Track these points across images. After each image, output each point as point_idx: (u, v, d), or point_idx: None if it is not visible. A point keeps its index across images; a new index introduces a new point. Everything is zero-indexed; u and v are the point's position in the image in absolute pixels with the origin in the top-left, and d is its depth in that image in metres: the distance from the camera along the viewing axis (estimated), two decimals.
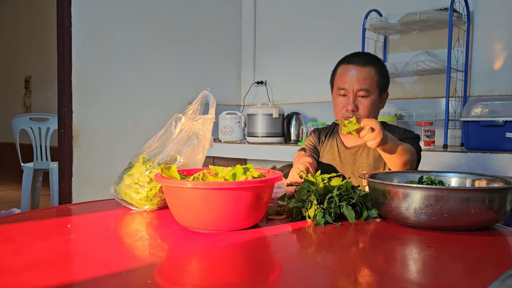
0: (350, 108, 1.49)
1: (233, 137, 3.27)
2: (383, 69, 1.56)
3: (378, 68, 1.53)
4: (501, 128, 2.17)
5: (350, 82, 1.50)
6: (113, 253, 0.83)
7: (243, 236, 0.92)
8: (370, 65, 1.51)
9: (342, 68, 1.55)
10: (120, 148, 2.96)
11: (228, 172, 1.04)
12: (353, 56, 1.57)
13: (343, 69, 1.54)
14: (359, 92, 1.49)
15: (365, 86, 1.49)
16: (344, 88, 1.51)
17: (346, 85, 1.50)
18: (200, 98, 1.23)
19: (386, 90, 1.58)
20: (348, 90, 1.50)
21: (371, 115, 1.52)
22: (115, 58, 3.01)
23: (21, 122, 3.89)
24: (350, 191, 1.09)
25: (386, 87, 1.58)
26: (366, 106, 1.50)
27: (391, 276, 0.73)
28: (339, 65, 1.58)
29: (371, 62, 1.53)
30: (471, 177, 1.15)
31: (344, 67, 1.54)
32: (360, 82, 1.49)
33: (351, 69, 1.51)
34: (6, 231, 0.96)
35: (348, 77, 1.50)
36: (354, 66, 1.51)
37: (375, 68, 1.52)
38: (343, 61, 1.57)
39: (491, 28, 2.66)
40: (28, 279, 0.67)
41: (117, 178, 1.20)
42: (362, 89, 1.49)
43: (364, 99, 1.50)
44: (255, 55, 3.86)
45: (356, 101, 1.50)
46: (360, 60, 1.52)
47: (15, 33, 6.83)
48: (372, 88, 1.50)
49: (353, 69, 1.51)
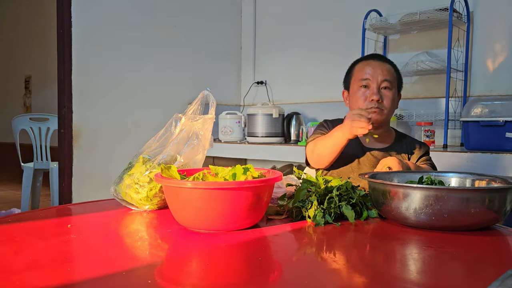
0: (376, 97, 1.46)
1: (233, 137, 3.27)
2: (399, 71, 1.60)
3: (395, 68, 1.57)
4: (501, 128, 2.17)
5: (374, 73, 1.49)
6: (113, 253, 0.83)
7: (243, 236, 0.92)
8: (389, 63, 1.55)
9: (362, 64, 1.55)
10: (120, 148, 2.96)
11: (228, 172, 1.04)
12: (369, 55, 1.60)
13: (363, 65, 1.54)
14: (383, 83, 1.48)
15: (389, 77, 1.49)
16: (367, 78, 1.49)
17: (370, 76, 1.49)
18: (200, 98, 1.23)
19: (400, 92, 1.60)
20: (371, 80, 1.49)
21: (392, 111, 1.53)
22: (115, 58, 3.01)
23: (21, 122, 3.89)
24: (350, 191, 1.09)
25: (401, 87, 1.61)
26: (389, 98, 1.49)
27: (391, 276, 0.73)
28: (355, 64, 1.59)
29: (389, 61, 1.57)
30: (471, 177, 1.15)
31: (364, 63, 1.55)
32: (384, 74, 1.49)
33: (372, 64, 1.52)
34: (6, 231, 0.96)
35: (372, 69, 1.50)
36: (375, 61, 1.53)
37: (394, 67, 1.56)
38: (360, 60, 1.59)
39: (491, 28, 2.66)
40: (28, 279, 0.67)
41: (117, 178, 1.20)
42: (386, 79, 1.48)
43: (387, 91, 1.49)
44: (255, 55, 3.86)
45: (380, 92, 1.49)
46: (380, 57, 1.56)
47: (15, 33, 6.83)
48: (394, 82, 1.52)
49: (374, 63, 1.52)
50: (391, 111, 1.52)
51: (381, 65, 1.51)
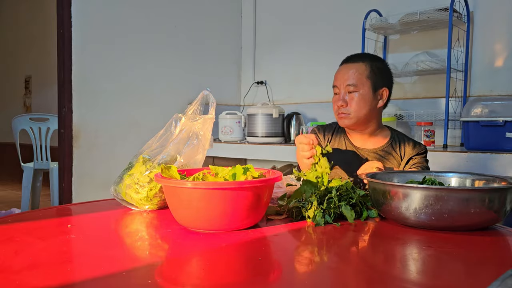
0: (339, 103, 1.53)
1: (233, 137, 3.27)
2: (379, 65, 1.56)
3: (369, 64, 1.54)
4: (501, 128, 2.17)
5: (339, 79, 1.55)
6: (113, 253, 0.83)
7: (243, 236, 0.92)
8: (360, 61, 1.54)
9: (338, 69, 1.60)
10: (120, 148, 2.96)
11: (228, 172, 1.04)
12: (349, 57, 1.61)
13: (338, 70, 1.59)
14: (347, 87, 1.52)
15: (352, 80, 1.52)
16: (335, 85, 1.56)
17: (337, 83, 1.56)
18: (200, 98, 1.24)
19: (383, 87, 1.55)
20: (339, 88, 1.55)
21: (363, 111, 1.51)
22: (115, 58, 3.01)
23: (21, 122, 3.89)
24: (350, 191, 1.09)
25: (383, 84, 1.55)
26: (355, 101, 1.52)
27: (391, 276, 0.73)
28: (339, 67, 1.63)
29: (362, 58, 1.56)
30: (471, 177, 1.15)
31: (339, 68, 1.59)
32: (347, 78, 1.53)
33: (342, 68, 1.57)
34: (6, 231, 0.96)
35: (339, 75, 1.56)
36: (344, 65, 1.57)
37: (366, 64, 1.54)
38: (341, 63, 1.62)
39: (491, 28, 2.66)
40: (28, 279, 0.67)
41: (117, 178, 1.20)
42: (349, 84, 1.52)
43: (352, 94, 1.53)
44: (255, 55, 3.86)
45: (346, 96, 1.53)
46: (352, 58, 1.57)
47: (15, 33, 6.83)
48: (360, 83, 1.51)
49: (343, 67, 1.56)
50: (359, 112, 1.51)
51: (346, 70, 1.54)
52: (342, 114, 1.53)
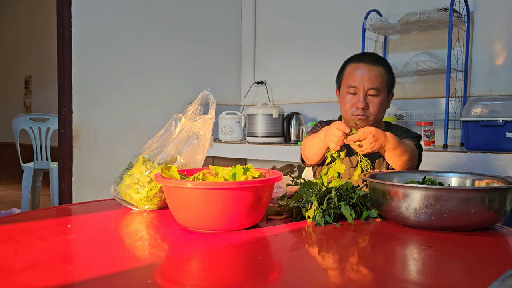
0: (361, 105, 1.48)
1: (233, 137, 3.27)
2: (391, 70, 1.58)
3: (387, 68, 1.55)
4: (501, 128, 2.17)
5: (361, 80, 1.50)
6: (113, 253, 0.83)
7: (243, 236, 0.92)
8: (380, 65, 1.53)
9: (352, 67, 1.54)
10: (120, 148, 2.96)
11: (228, 172, 1.04)
12: (361, 55, 1.58)
13: (353, 67, 1.54)
14: (369, 90, 1.49)
15: (376, 85, 1.49)
16: (354, 86, 1.51)
17: (357, 83, 1.50)
18: (200, 98, 1.24)
19: (392, 91, 1.59)
20: (358, 88, 1.50)
21: (380, 115, 1.54)
22: (115, 58, 3.01)
23: (21, 122, 3.89)
24: (350, 191, 1.09)
25: (393, 87, 1.60)
26: (376, 104, 1.50)
27: (391, 276, 0.73)
28: (347, 63, 1.58)
29: (380, 62, 1.54)
30: (471, 177, 1.15)
31: (354, 66, 1.54)
32: (371, 81, 1.49)
33: (361, 68, 1.52)
34: (6, 231, 0.96)
35: (359, 76, 1.51)
36: (364, 65, 1.52)
37: (384, 68, 1.54)
38: (352, 60, 1.57)
39: (491, 28, 2.66)
40: (28, 279, 0.67)
41: (117, 178, 1.20)
42: (373, 87, 1.49)
43: (374, 98, 1.50)
44: (255, 55, 3.86)
45: (366, 99, 1.50)
46: (370, 59, 1.53)
47: (15, 33, 6.83)
48: (382, 88, 1.51)
49: (363, 68, 1.51)
50: (378, 115, 1.53)
51: (369, 71, 1.50)
52: (361, 116, 1.49)
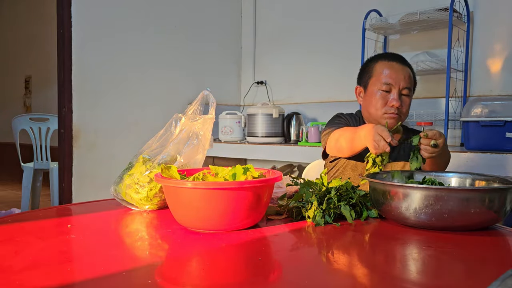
0: (397, 104, 1.48)
1: (233, 137, 3.27)
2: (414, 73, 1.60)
3: (412, 71, 1.57)
4: (501, 128, 2.17)
5: (397, 78, 1.50)
6: (113, 253, 0.83)
7: (243, 236, 0.92)
8: (408, 66, 1.55)
9: (384, 64, 1.54)
10: (120, 148, 2.96)
11: (228, 172, 1.04)
12: (390, 55, 1.59)
13: (386, 65, 1.53)
14: (403, 90, 1.50)
15: (409, 84, 1.52)
16: (390, 83, 1.50)
17: (393, 81, 1.50)
18: (200, 98, 1.23)
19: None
20: (394, 86, 1.50)
21: (407, 114, 1.55)
22: (115, 58, 3.01)
23: (21, 122, 3.89)
24: (350, 191, 1.09)
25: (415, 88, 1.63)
26: (407, 104, 1.52)
27: (391, 276, 0.73)
28: (375, 62, 1.57)
29: (407, 63, 1.57)
30: (471, 177, 1.15)
31: (387, 64, 1.53)
32: (406, 80, 1.51)
33: (395, 66, 1.52)
34: (6, 231, 0.96)
35: (395, 73, 1.51)
36: (398, 64, 1.53)
37: (411, 70, 1.56)
38: (380, 58, 1.57)
39: (491, 28, 2.66)
40: (28, 279, 0.67)
41: (117, 178, 1.20)
42: (407, 87, 1.51)
43: (406, 97, 1.52)
44: (255, 55, 3.86)
45: (400, 98, 1.50)
46: (401, 60, 1.55)
47: (15, 33, 6.83)
48: (412, 88, 1.54)
49: (397, 67, 1.52)
50: (406, 115, 1.55)
51: (403, 70, 1.51)
52: (394, 115, 1.49)
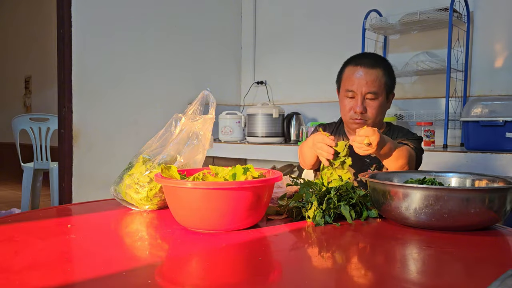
0: (359, 110, 1.48)
1: (233, 137, 3.27)
2: (390, 71, 1.56)
3: (385, 70, 1.53)
4: (501, 128, 2.17)
5: (358, 84, 1.49)
6: (113, 253, 0.83)
7: (243, 236, 0.92)
8: (378, 67, 1.51)
9: (350, 70, 1.53)
10: (120, 148, 2.96)
11: (228, 172, 1.04)
12: (360, 57, 1.56)
13: (351, 71, 1.52)
14: (367, 95, 1.49)
15: (374, 89, 1.48)
16: (352, 90, 1.50)
17: (354, 87, 1.49)
18: (200, 98, 1.23)
19: (392, 91, 1.58)
20: (356, 93, 1.49)
21: (379, 117, 1.53)
22: (115, 58, 3.01)
23: (21, 122, 3.89)
24: (349, 191, 1.09)
25: (393, 88, 1.58)
26: (374, 108, 1.50)
27: (391, 276, 0.73)
28: (346, 65, 1.57)
29: (379, 63, 1.52)
30: (471, 177, 1.15)
31: (352, 69, 1.52)
32: (369, 85, 1.48)
33: (359, 71, 1.50)
34: (6, 231, 0.96)
35: (356, 79, 1.49)
36: (362, 68, 1.50)
37: (383, 70, 1.52)
38: (350, 62, 1.55)
39: (491, 28, 2.66)
40: (28, 279, 0.67)
41: (117, 178, 1.20)
42: (370, 92, 1.48)
43: (372, 101, 1.49)
44: (255, 55, 3.86)
45: (364, 103, 1.49)
46: (368, 62, 1.51)
47: (15, 33, 6.83)
48: (380, 91, 1.50)
49: (361, 71, 1.49)
50: (376, 118, 1.52)
51: (367, 75, 1.48)
52: (359, 120, 1.50)
